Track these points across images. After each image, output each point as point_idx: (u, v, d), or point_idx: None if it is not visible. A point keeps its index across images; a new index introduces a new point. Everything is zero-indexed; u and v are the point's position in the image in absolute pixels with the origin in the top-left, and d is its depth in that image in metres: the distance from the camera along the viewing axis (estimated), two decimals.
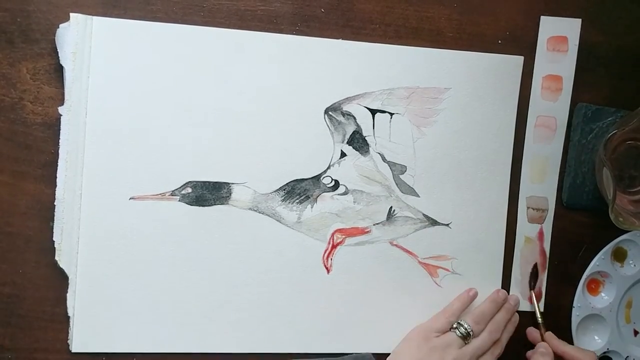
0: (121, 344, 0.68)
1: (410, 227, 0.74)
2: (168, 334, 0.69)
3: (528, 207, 0.78)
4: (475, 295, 0.75)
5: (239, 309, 0.70)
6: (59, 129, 0.66)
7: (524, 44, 0.76)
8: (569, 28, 0.78)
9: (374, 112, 0.73)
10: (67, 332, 0.67)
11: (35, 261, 0.66)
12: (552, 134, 0.78)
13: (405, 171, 0.74)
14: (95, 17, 0.66)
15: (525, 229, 0.78)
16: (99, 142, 0.66)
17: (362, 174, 0.73)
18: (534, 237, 0.78)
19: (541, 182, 0.78)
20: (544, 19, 0.77)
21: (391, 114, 0.73)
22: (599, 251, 0.80)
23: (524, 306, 0.78)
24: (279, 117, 0.70)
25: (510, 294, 0.78)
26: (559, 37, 0.77)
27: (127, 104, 0.67)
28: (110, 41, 0.66)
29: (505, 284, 0.77)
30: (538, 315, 0.78)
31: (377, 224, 0.73)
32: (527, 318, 0.79)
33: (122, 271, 0.68)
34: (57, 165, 0.66)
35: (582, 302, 0.80)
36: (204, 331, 0.69)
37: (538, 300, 0.79)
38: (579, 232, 0.80)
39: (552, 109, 0.78)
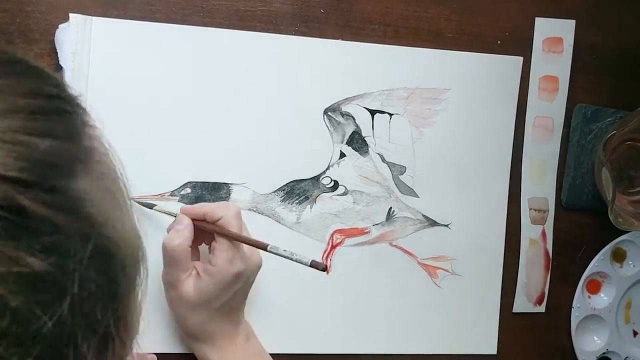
0: None
1: (410, 227, 0.74)
2: (168, 334, 0.68)
3: (530, 209, 0.78)
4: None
5: None
6: None
7: (523, 45, 0.76)
8: (563, 29, 0.78)
9: (373, 112, 0.73)
10: None
11: None
12: (549, 135, 0.78)
13: (405, 172, 0.74)
14: (94, 18, 0.66)
15: (528, 230, 0.78)
16: None
17: (362, 175, 0.73)
18: (538, 238, 0.78)
19: (541, 183, 0.78)
20: (538, 20, 0.77)
21: (390, 115, 0.73)
22: (598, 252, 0.80)
23: (528, 308, 0.78)
24: (279, 117, 0.70)
25: (516, 296, 0.78)
26: (554, 38, 0.77)
27: (127, 104, 0.67)
28: (110, 41, 0.66)
29: (507, 285, 0.77)
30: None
31: (376, 224, 0.73)
32: (528, 320, 0.79)
33: None
34: None
35: (582, 303, 0.80)
36: None
37: (540, 303, 0.78)
38: (579, 232, 0.80)
39: (549, 109, 0.78)
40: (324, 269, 0.59)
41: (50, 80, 0.33)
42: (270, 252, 0.61)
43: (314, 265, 0.59)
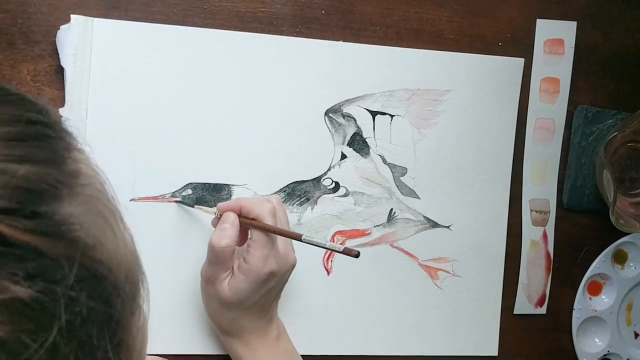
0: None
1: (411, 229, 0.74)
2: (168, 335, 0.68)
3: (531, 210, 0.78)
4: None
5: None
6: None
7: (524, 46, 0.76)
8: (565, 30, 0.78)
9: (374, 114, 0.73)
10: None
11: None
12: (550, 136, 0.78)
13: (406, 173, 0.74)
14: (95, 19, 0.66)
15: (530, 232, 0.78)
16: (99, 143, 0.66)
17: (363, 176, 0.73)
18: (539, 240, 0.78)
19: (542, 185, 0.78)
20: (540, 22, 0.77)
21: (391, 116, 0.73)
22: (599, 253, 0.80)
23: (529, 309, 0.78)
24: (280, 118, 0.70)
25: (517, 298, 0.78)
26: (556, 39, 0.77)
27: (128, 105, 0.67)
28: (111, 43, 0.66)
29: (508, 286, 0.77)
30: None
31: (377, 225, 0.73)
32: (529, 322, 0.78)
33: None
34: None
35: (583, 305, 0.80)
36: (204, 333, 0.69)
37: (541, 305, 0.78)
38: (580, 234, 0.80)
39: (550, 111, 0.78)
40: (357, 255, 0.58)
41: (31, 106, 0.32)
42: (304, 241, 0.61)
43: (346, 252, 0.58)
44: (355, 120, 0.72)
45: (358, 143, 0.72)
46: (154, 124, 0.67)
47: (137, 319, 0.33)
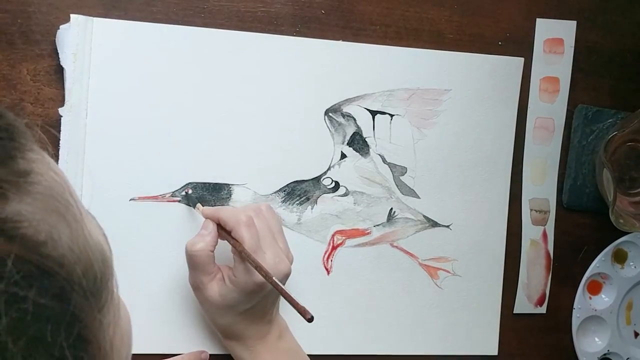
0: None
1: (411, 228, 0.74)
2: (168, 335, 0.68)
3: (531, 209, 0.78)
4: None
5: None
6: (59, 130, 0.65)
7: (524, 46, 0.76)
8: (564, 30, 0.78)
9: (374, 113, 0.73)
10: None
11: None
12: (550, 136, 0.78)
13: (406, 172, 0.74)
14: (95, 18, 0.66)
15: (529, 231, 0.78)
16: (99, 143, 0.66)
17: (363, 176, 0.73)
18: (539, 239, 0.78)
19: (542, 184, 0.78)
20: (539, 21, 0.77)
21: (391, 116, 0.73)
22: (599, 253, 0.80)
23: (529, 309, 0.78)
24: (279, 118, 0.70)
25: (516, 297, 0.78)
26: (555, 39, 0.77)
27: (128, 105, 0.67)
28: (111, 42, 0.66)
29: (508, 285, 0.77)
30: None
31: (377, 225, 0.73)
32: (529, 321, 0.78)
33: (121, 272, 0.67)
34: None
35: (583, 304, 0.80)
36: (204, 333, 0.69)
37: (541, 304, 0.78)
38: (580, 233, 0.80)
39: (550, 110, 0.78)
40: (310, 319, 0.57)
41: None
42: (270, 282, 0.59)
43: (301, 311, 0.57)
44: (355, 119, 0.72)
45: (358, 142, 0.72)
46: (154, 123, 0.67)
47: (104, 315, 0.33)
